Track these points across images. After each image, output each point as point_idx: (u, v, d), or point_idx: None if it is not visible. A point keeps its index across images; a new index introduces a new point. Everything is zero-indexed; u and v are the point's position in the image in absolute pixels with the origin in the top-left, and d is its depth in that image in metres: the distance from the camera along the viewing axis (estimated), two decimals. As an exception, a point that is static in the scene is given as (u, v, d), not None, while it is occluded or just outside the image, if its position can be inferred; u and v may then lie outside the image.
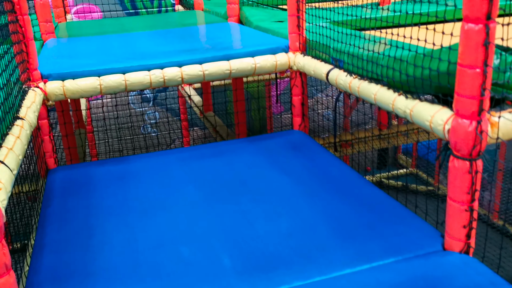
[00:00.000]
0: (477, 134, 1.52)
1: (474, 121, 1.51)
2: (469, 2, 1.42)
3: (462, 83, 1.51)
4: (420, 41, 1.84)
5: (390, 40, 2.07)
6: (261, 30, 3.47)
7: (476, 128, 1.51)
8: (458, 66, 1.52)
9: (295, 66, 2.83)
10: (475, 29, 1.43)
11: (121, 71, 2.57)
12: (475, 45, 1.44)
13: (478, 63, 1.46)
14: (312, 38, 2.71)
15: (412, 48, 1.86)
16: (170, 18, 4.85)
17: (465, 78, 1.49)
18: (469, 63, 1.47)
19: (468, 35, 1.45)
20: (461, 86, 1.51)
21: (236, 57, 2.77)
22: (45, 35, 3.54)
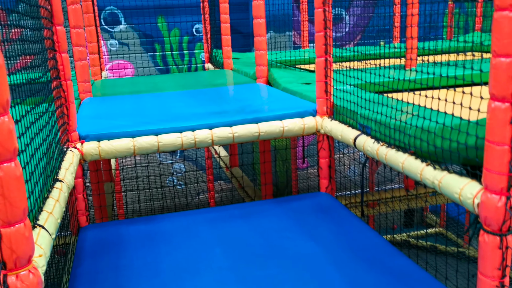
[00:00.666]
0: (507, 209, 1.52)
1: (503, 197, 1.52)
2: (495, 81, 1.47)
3: (490, 159, 1.53)
4: (447, 103, 1.87)
5: (417, 107, 2.12)
6: (289, 92, 3.57)
7: (506, 204, 1.52)
8: (486, 142, 1.54)
9: (322, 130, 2.89)
10: (502, 108, 1.46)
11: (154, 133, 2.67)
12: (502, 122, 1.47)
13: (506, 140, 1.48)
14: (340, 103, 2.78)
15: (440, 118, 1.90)
16: (200, 77, 5.03)
17: (493, 154, 1.51)
18: (497, 140, 1.49)
19: (495, 113, 1.48)
20: (489, 161, 1.53)
21: (265, 120, 2.85)
22: (82, 94, 3.72)
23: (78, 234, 2.54)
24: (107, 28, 7.40)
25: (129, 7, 7.34)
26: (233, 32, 7.53)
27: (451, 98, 1.86)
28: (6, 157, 1.15)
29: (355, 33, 8.33)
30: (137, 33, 7.51)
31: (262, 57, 4.15)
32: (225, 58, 5.41)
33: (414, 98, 2.18)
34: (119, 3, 7.29)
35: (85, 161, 2.61)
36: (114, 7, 7.32)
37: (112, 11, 7.35)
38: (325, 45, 2.81)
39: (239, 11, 7.42)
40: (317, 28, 2.82)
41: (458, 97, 1.84)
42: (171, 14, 7.57)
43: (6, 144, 1.14)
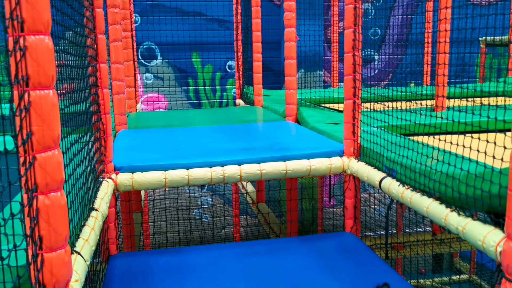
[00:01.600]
0: (530, 259, 1.53)
1: (526, 246, 1.53)
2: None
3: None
4: (472, 151, 1.91)
5: (442, 152, 2.16)
6: (317, 131, 3.65)
7: (529, 254, 1.53)
8: (508, 191, 1.57)
9: (349, 170, 2.94)
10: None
11: (185, 167, 2.77)
12: (525, 173, 1.50)
13: (529, 191, 1.50)
14: (366, 145, 2.84)
15: (464, 165, 1.93)
16: (231, 113, 5.18)
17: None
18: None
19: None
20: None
21: (292, 159, 2.92)
22: (118, 126, 3.89)
23: (108, 262, 2.63)
24: (143, 62, 7.71)
25: (166, 43, 7.66)
26: (264, 70, 7.74)
27: (476, 145, 1.91)
28: (53, 187, 1.26)
29: (385, 73, 8.40)
30: (172, 68, 7.79)
31: (292, 96, 4.26)
32: (256, 95, 5.56)
33: (439, 142, 2.22)
34: (156, 39, 7.62)
35: (118, 191, 2.73)
36: (151, 42, 7.64)
37: (149, 46, 7.67)
38: (353, 88, 2.90)
39: (271, 49, 7.63)
40: (346, 72, 2.91)
41: (483, 144, 1.88)
42: (205, 50, 7.85)
43: (54, 175, 1.25)
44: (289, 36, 4.16)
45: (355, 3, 2.82)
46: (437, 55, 4.48)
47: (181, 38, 7.67)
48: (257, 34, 5.37)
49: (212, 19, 7.79)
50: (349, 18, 2.85)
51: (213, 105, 8.02)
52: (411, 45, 7.53)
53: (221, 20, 7.79)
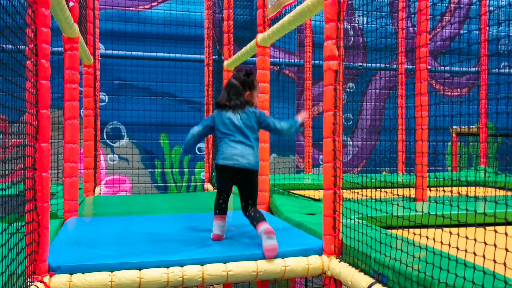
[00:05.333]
0: None
1: None
2: None
3: None
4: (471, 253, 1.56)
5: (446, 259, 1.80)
6: (292, 223, 3.27)
7: None
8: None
9: (329, 272, 2.53)
10: None
11: (137, 267, 2.32)
12: None
13: None
14: (350, 242, 2.47)
15: (468, 272, 1.58)
16: (198, 199, 4.77)
17: None
18: None
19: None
20: None
21: (264, 257, 2.51)
22: (67, 213, 3.42)
23: None
24: (108, 142, 7.34)
25: (133, 123, 7.36)
26: (235, 153, 7.48)
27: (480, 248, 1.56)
28: None
29: (359, 160, 8.25)
30: (138, 149, 7.43)
31: (264, 182, 3.92)
32: (225, 179, 5.20)
33: (435, 243, 1.87)
34: (122, 119, 7.32)
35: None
36: (118, 122, 7.34)
37: (115, 126, 7.35)
38: (334, 177, 2.57)
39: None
40: (325, 158, 2.61)
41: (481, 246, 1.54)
42: (174, 132, 7.57)
43: None
44: (261, 119, 3.90)
45: (335, 84, 2.58)
46: (415, 143, 4.29)
47: (149, 119, 7.40)
48: (228, 116, 5.12)
49: (182, 100, 7.60)
50: (328, 100, 2.60)
51: (180, 189, 7.60)
52: (385, 131, 7.45)
53: (191, 102, 7.61)
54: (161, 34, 7.47)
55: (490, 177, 6.18)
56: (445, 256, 1.80)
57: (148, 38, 7.42)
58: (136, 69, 7.37)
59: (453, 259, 1.75)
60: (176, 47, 7.42)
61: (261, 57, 3.92)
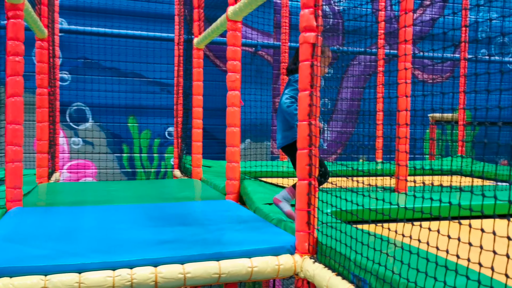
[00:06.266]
0: None
1: None
2: None
3: None
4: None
5: (434, 264, 1.51)
6: (263, 216, 2.96)
7: None
8: None
9: (302, 273, 2.23)
10: None
11: (77, 269, 1.97)
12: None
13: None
14: (326, 241, 2.16)
15: (459, 280, 1.29)
16: (163, 187, 4.41)
17: None
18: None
19: None
20: None
21: (228, 257, 2.19)
22: (10, 202, 3.04)
23: None
24: (71, 124, 6.88)
25: (99, 105, 6.91)
26: (208, 138, 7.11)
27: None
28: None
29: (336, 147, 7.98)
30: (104, 132, 7.00)
31: (234, 170, 3.60)
32: (194, 166, 4.85)
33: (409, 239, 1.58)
34: (88, 100, 6.86)
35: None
36: (82, 103, 6.88)
37: (79, 107, 6.89)
38: (309, 166, 2.26)
39: (216, 116, 7.05)
40: (300, 144, 2.29)
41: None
42: (144, 115, 7.15)
43: None
44: (232, 101, 3.56)
45: (312, 59, 2.25)
46: (396, 128, 4.02)
47: (117, 100, 6.96)
48: (198, 98, 4.76)
49: (152, 81, 7.17)
50: (304, 78, 2.27)
51: (149, 175, 7.21)
52: (363, 118, 7.19)
53: (163, 83, 7.19)
54: (130, 11, 7.01)
55: (468, 166, 5.99)
56: (432, 261, 1.51)
57: (116, 14, 6.95)
58: (103, 48, 6.91)
59: (442, 265, 1.47)
60: (148, 25, 6.97)
61: (232, 32, 3.56)
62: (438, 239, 1.51)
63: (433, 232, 1.56)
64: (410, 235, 1.65)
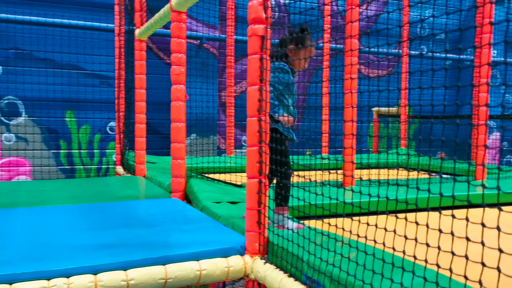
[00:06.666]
0: None
1: None
2: None
3: None
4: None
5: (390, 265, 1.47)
6: (211, 215, 2.85)
7: None
8: None
9: (252, 275, 2.15)
10: None
11: (7, 280, 1.79)
12: None
13: None
14: (277, 241, 2.09)
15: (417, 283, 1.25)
16: (103, 185, 4.18)
17: None
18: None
19: None
20: None
21: (175, 260, 2.07)
22: None
23: None
24: (3, 119, 6.43)
25: (33, 98, 6.50)
26: (151, 133, 6.88)
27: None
28: None
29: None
30: (39, 128, 6.60)
31: (179, 167, 3.46)
32: (138, 163, 4.66)
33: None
34: (20, 93, 6.43)
35: None
36: (14, 97, 6.44)
37: (11, 101, 6.45)
38: (259, 163, 2.17)
39: (161, 110, 6.84)
40: (250, 141, 2.20)
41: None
42: (83, 109, 6.81)
43: None
44: (176, 95, 3.41)
45: (261, 52, 2.16)
46: (343, 124, 4.03)
47: (52, 94, 6.57)
48: (141, 92, 4.56)
49: (91, 74, 6.84)
50: (253, 71, 2.18)
51: (89, 172, 6.89)
52: (309, 112, 7.22)
53: (103, 76, 6.87)
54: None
55: (411, 159, 6.16)
56: (388, 262, 1.47)
57: (51, 2, 6.54)
58: (37, 38, 6.49)
59: (399, 266, 1.43)
60: (85, 14, 6.62)
61: (176, 23, 3.41)
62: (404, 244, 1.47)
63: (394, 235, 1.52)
64: (367, 235, 1.61)
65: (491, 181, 4.24)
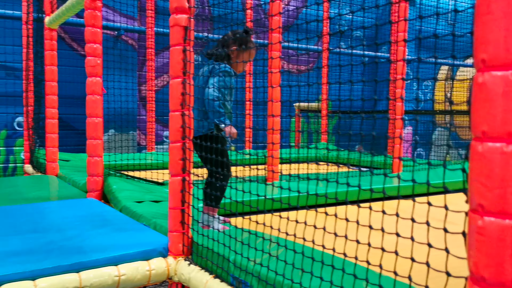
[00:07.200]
0: None
1: None
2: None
3: None
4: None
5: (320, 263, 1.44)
6: (131, 215, 2.70)
7: None
8: None
9: (176, 277, 2.05)
10: None
11: None
12: None
13: None
14: (202, 241, 2.00)
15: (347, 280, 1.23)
16: (10, 186, 3.84)
17: None
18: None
19: None
20: None
21: (91, 266, 1.91)
22: None
23: None
24: None
25: None
26: (65, 129, 6.47)
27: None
28: None
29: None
30: None
31: (96, 165, 3.25)
32: (49, 161, 4.34)
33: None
34: None
35: None
36: None
37: None
38: (183, 160, 2.07)
39: (75, 105, 6.45)
40: (172, 137, 2.09)
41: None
42: (-14, 103, 6.24)
43: None
44: (92, 88, 3.20)
45: (184, 44, 2.06)
46: (267, 118, 4.01)
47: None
48: (52, 85, 4.25)
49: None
50: (176, 64, 2.07)
51: (-6, 171, 6.33)
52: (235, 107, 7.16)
53: (8, 67, 6.34)
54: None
55: (332, 153, 6.32)
56: (317, 260, 1.45)
57: None
58: None
59: (329, 263, 1.40)
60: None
61: (91, 11, 3.18)
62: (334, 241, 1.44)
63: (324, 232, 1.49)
64: (287, 231, 1.57)
65: (406, 174, 4.44)
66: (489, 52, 0.90)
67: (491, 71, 0.89)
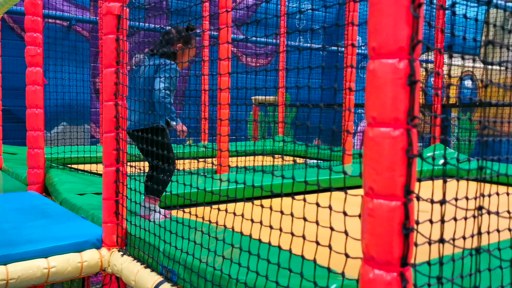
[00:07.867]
0: None
1: None
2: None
3: None
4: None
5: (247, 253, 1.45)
6: (70, 207, 2.65)
7: None
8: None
9: (109, 269, 2.03)
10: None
11: None
12: None
13: None
14: (136, 232, 1.99)
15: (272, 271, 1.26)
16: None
17: None
18: None
19: None
20: None
21: (19, 259, 1.88)
22: None
23: None
24: None
25: None
26: (12, 121, 6.27)
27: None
28: None
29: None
30: None
31: (37, 157, 3.17)
32: (-7, 154, 4.20)
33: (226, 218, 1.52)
34: None
35: None
36: None
37: None
38: (116, 151, 2.05)
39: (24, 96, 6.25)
40: (106, 127, 2.06)
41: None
42: None
43: None
44: (32, 78, 3.12)
45: (117, 33, 2.03)
46: (217, 111, 4.02)
47: None
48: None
49: None
50: (109, 53, 2.04)
51: None
52: (189, 100, 7.11)
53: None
54: None
55: (287, 146, 6.38)
56: (245, 250, 1.46)
57: None
58: None
59: (255, 253, 1.42)
60: None
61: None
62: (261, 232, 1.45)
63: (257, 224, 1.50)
64: (224, 222, 1.58)
65: (355, 165, 4.53)
66: (379, 40, 0.93)
67: (381, 58, 0.93)
